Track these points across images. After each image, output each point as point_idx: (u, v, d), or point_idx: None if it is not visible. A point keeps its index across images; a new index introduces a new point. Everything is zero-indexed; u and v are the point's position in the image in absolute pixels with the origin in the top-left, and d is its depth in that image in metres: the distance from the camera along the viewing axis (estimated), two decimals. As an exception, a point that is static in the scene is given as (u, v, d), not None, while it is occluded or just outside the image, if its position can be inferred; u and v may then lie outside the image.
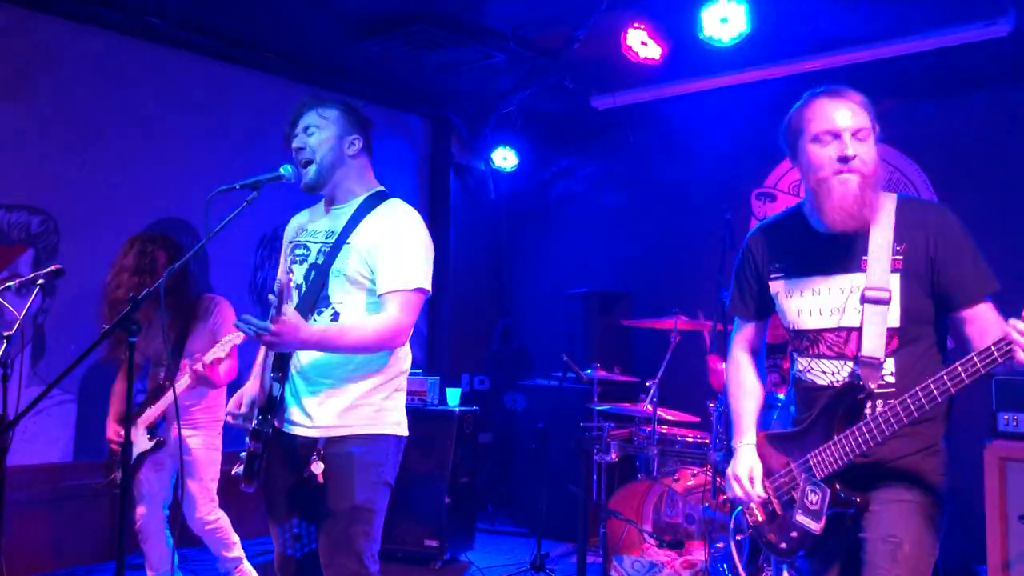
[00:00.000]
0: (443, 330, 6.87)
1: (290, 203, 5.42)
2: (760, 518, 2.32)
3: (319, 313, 2.58)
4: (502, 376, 7.08)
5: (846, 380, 2.17)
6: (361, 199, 2.69)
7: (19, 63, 4.74)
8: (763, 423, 2.46)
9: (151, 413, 3.76)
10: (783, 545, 2.26)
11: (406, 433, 2.69)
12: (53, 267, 3.44)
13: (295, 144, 2.69)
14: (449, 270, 6.83)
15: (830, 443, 2.14)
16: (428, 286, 2.60)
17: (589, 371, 5.02)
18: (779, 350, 3.99)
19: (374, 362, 2.60)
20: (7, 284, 3.51)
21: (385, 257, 2.55)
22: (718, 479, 4.27)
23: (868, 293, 2.13)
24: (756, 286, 2.42)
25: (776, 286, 2.35)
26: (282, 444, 2.62)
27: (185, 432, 3.83)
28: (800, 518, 2.18)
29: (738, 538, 3.93)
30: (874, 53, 5.05)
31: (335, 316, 2.57)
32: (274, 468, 2.63)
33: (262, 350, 2.71)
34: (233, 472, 2.63)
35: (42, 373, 4.76)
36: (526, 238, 7.56)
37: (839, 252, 2.20)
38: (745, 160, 6.14)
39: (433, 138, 7.13)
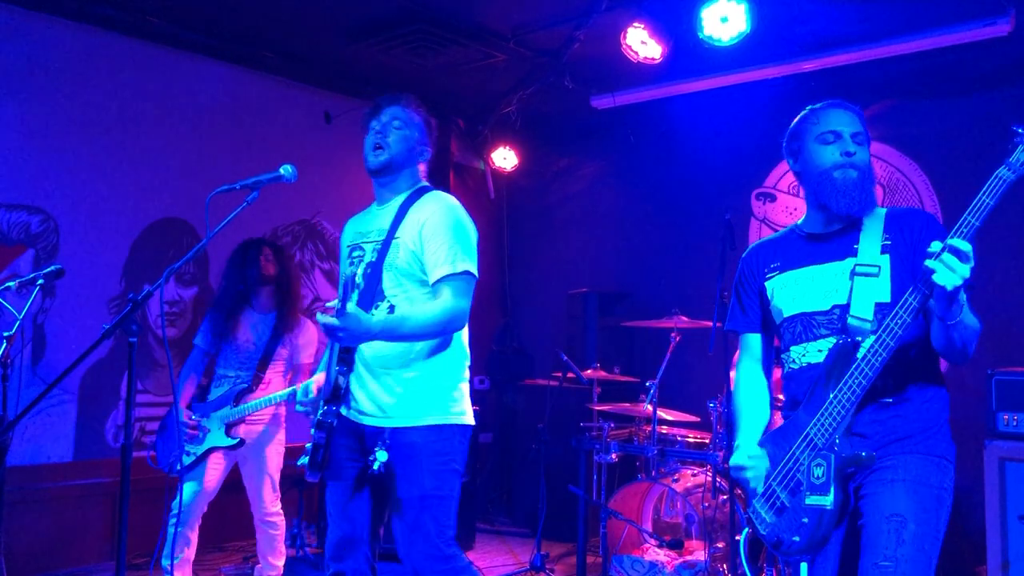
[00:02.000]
0: (443, 330, 6.86)
1: (290, 203, 5.45)
2: (769, 520, 2.25)
3: (376, 307, 2.69)
4: (502, 376, 7.08)
5: (835, 342, 2.21)
6: (405, 195, 2.85)
7: (19, 63, 4.73)
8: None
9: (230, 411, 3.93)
10: (796, 538, 2.16)
11: (472, 422, 2.78)
12: (53, 267, 3.45)
13: (375, 126, 2.82)
14: (449, 270, 6.79)
15: (826, 403, 2.15)
16: (474, 270, 2.71)
17: (589, 371, 5.02)
18: None
19: (434, 352, 2.69)
20: (7, 284, 3.51)
21: (431, 247, 2.68)
22: (718, 479, 4.27)
23: (858, 268, 2.25)
24: (756, 296, 2.50)
25: (772, 284, 2.44)
26: (348, 433, 2.72)
27: (253, 426, 4.03)
28: (810, 499, 2.12)
29: (737, 538, 3.93)
30: (873, 53, 5.05)
31: (391, 309, 2.68)
32: (340, 457, 2.71)
33: (329, 343, 2.79)
34: (298, 463, 2.69)
35: (42, 373, 4.76)
36: (526, 238, 7.55)
37: (832, 246, 2.35)
38: (745, 160, 6.14)
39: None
